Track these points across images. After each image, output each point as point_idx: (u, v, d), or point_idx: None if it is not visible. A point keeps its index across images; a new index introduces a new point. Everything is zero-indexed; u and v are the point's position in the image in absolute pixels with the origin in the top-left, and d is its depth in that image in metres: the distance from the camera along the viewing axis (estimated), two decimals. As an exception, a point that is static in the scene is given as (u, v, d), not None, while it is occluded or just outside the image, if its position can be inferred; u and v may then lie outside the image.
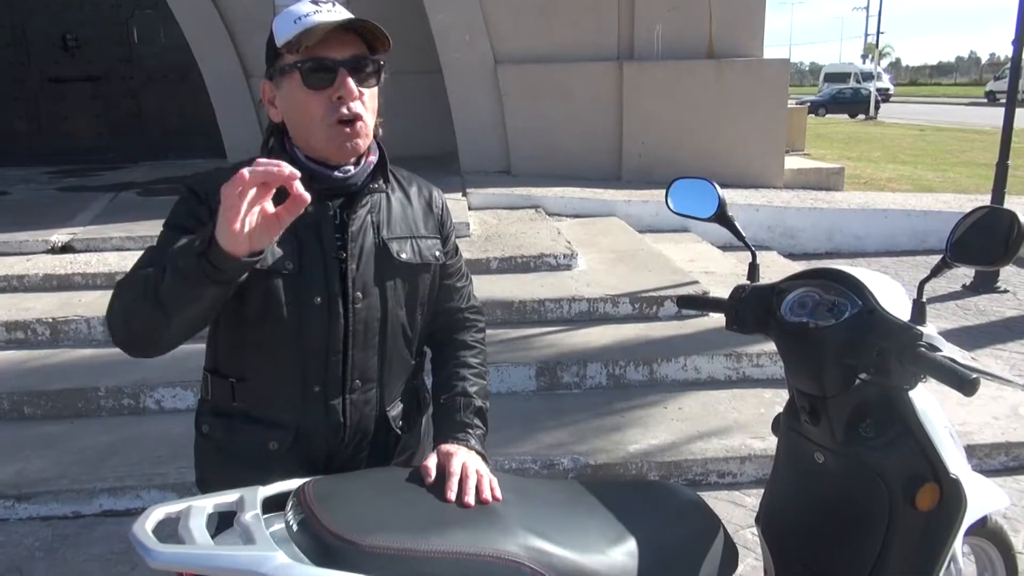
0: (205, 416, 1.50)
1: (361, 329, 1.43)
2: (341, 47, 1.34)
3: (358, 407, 1.47)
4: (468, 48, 7.47)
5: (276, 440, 1.43)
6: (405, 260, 1.47)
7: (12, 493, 2.94)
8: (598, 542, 1.24)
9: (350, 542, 1.10)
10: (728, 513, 2.92)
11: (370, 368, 1.47)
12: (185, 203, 1.40)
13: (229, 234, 1.10)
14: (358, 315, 1.42)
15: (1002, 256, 1.38)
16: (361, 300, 1.42)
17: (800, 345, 1.49)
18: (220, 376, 1.47)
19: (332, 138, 1.36)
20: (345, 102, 1.34)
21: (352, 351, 1.43)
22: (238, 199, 1.08)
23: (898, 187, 9.94)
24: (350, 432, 1.47)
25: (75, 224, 5.49)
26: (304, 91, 1.34)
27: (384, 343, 1.47)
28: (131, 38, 8.77)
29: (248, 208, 1.09)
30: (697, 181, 1.79)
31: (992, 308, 5.59)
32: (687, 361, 3.86)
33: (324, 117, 1.35)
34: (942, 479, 1.44)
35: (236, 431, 1.46)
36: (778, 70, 7.84)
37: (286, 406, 1.44)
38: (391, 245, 1.46)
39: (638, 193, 6.94)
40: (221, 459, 1.47)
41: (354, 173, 1.42)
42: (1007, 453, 3.26)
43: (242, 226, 1.09)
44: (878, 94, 32.23)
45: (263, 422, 1.44)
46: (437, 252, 1.54)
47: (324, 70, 1.33)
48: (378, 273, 1.44)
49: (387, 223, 1.47)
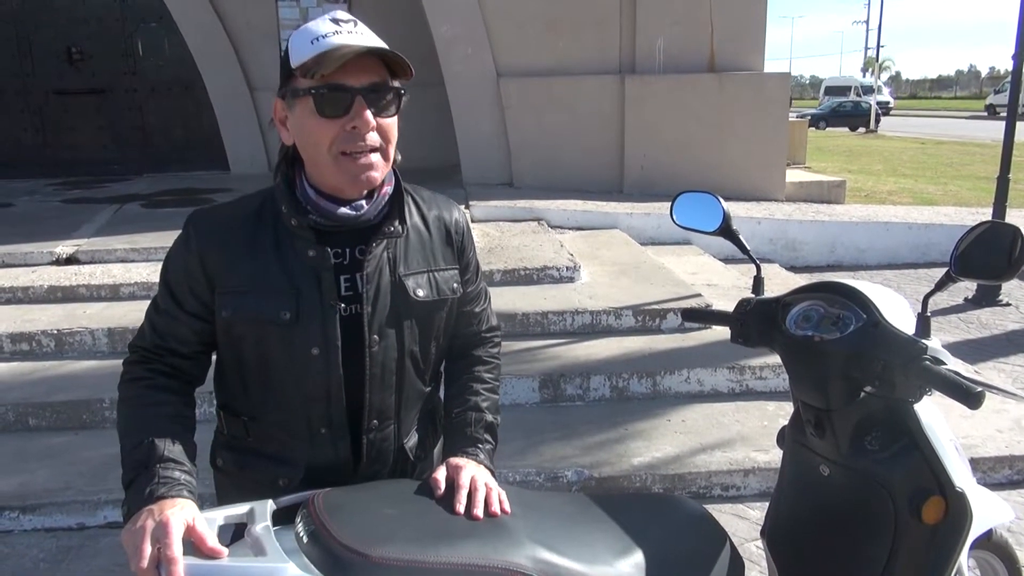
0: (220, 450, 1.50)
1: (379, 372, 1.39)
2: (359, 73, 1.26)
3: (375, 444, 1.44)
4: (471, 61, 7.52)
5: (286, 477, 1.41)
6: (422, 298, 1.41)
7: (17, 504, 2.94)
8: (605, 554, 1.24)
9: (360, 553, 1.10)
10: (732, 526, 2.91)
11: (387, 407, 1.43)
12: (180, 254, 1.38)
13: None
14: (375, 359, 1.38)
15: (1006, 270, 1.39)
16: (378, 343, 1.37)
17: (805, 358, 1.50)
18: (231, 414, 1.46)
19: (344, 170, 1.30)
20: (360, 133, 1.27)
21: (370, 394, 1.39)
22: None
23: (899, 200, 9.96)
24: (365, 466, 1.44)
25: (79, 236, 5.51)
26: (316, 119, 1.27)
27: (401, 380, 1.43)
28: (136, 51, 8.82)
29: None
30: (702, 195, 1.81)
31: (994, 321, 5.59)
32: (690, 374, 3.86)
33: (337, 147, 1.28)
34: (947, 492, 1.44)
35: (248, 467, 1.45)
36: (779, 83, 7.88)
37: (295, 445, 1.42)
38: (407, 282, 1.40)
39: (640, 206, 6.96)
40: (236, 492, 1.45)
41: (366, 209, 1.35)
42: (1011, 467, 3.25)
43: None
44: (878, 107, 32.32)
45: (274, 459, 1.43)
46: (455, 284, 1.48)
47: (339, 98, 1.26)
48: (393, 314, 1.38)
49: (404, 258, 1.41)
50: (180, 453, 1.26)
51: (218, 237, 1.36)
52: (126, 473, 1.24)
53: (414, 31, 7.33)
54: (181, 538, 1.09)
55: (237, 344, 1.37)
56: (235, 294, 1.34)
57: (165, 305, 1.39)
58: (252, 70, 8.44)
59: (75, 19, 8.68)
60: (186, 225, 1.39)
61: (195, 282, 1.36)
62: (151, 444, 1.25)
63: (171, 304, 1.38)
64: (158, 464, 1.21)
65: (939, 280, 1.47)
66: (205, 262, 1.35)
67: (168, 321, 1.39)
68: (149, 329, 1.41)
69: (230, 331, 1.36)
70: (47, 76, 8.79)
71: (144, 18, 8.69)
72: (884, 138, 25.99)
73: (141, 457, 1.24)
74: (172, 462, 1.23)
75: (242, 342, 1.36)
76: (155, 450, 1.24)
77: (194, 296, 1.37)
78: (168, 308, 1.39)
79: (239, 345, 1.37)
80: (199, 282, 1.36)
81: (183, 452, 1.27)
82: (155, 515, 1.12)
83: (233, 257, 1.34)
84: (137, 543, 1.09)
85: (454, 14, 7.39)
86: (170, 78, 8.85)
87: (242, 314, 1.34)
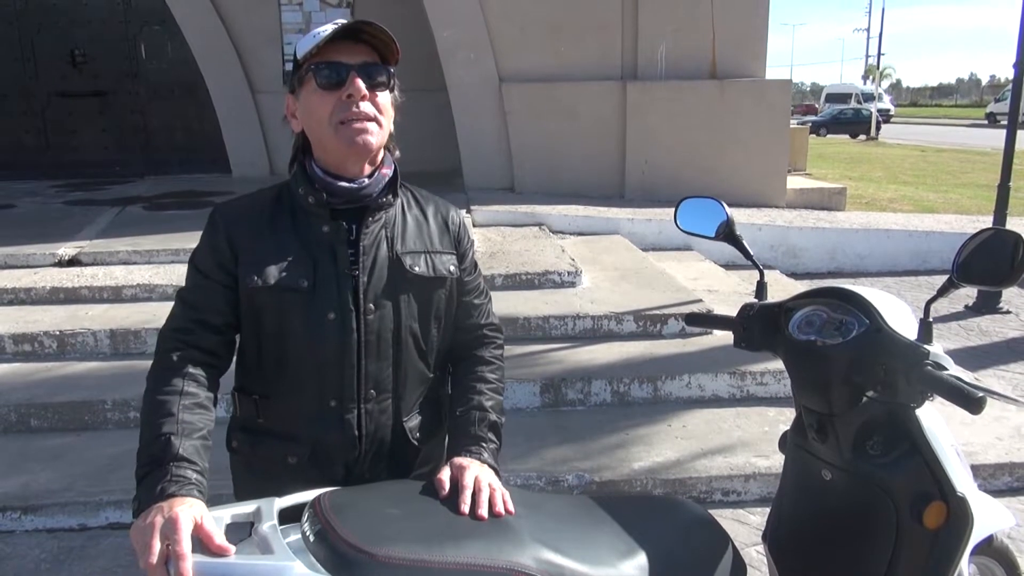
0: (235, 432, 1.58)
1: (374, 340, 1.47)
2: (352, 54, 1.42)
3: (373, 417, 1.50)
4: (473, 66, 7.54)
5: (294, 454, 1.48)
6: (419, 273, 1.50)
7: (19, 505, 2.94)
8: (608, 555, 1.25)
9: (366, 552, 1.11)
10: (733, 531, 2.90)
11: (384, 379, 1.50)
12: (208, 237, 1.49)
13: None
14: (370, 326, 1.46)
15: (1007, 277, 1.40)
16: (373, 312, 1.46)
17: (808, 363, 1.51)
18: (246, 394, 1.53)
19: (342, 135, 1.42)
20: (355, 100, 1.40)
21: (365, 361, 1.47)
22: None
23: (900, 207, 9.97)
24: (366, 443, 1.50)
25: (82, 237, 5.52)
26: (317, 92, 1.41)
27: (399, 354, 1.50)
28: (138, 54, 8.85)
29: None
30: (705, 200, 1.82)
31: (995, 329, 5.60)
32: (691, 379, 3.87)
33: (336, 118, 1.41)
34: (949, 497, 1.45)
35: (259, 446, 1.53)
36: (780, 90, 7.90)
37: (304, 421, 1.49)
38: (404, 259, 1.50)
39: (641, 211, 6.97)
40: (248, 473, 1.55)
41: (368, 184, 1.47)
42: (1011, 473, 3.26)
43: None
44: (879, 115, 32.37)
45: (283, 437, 1.50)
46: (452, 267, 1.56)
47: (336, 70, 1.41)
48: (391, 286, 1.48)
49: (401, 238, 1.51)
50: (195, 452, 1.28)
51: (242, 220, 1.49)
52: (140, 466, 1.27)
53: (416, 36, 7.35)
54: (190, 535, 1.11)
55: (258, 315, 1.46)
56: (258, 264, 1.44)
57: (195, 281, 1.48)
58: (254, 73, 8.47)
59: (78, 21, 8.71)
60: (211, 216, 1.51)
61: (222, 256, 1.46)
62: (167, 441, 1.28)
63: (201, 279, 1.47)
64: (172, 463, 1.24)
65: (941, 286, 1.48)
66: (232, 239, 1.46)
67: (200, 294, 1.46)
68: (180, 308, 1.47)
69: (253, 301, 1.45)
70: (50, 78, 8.81)
71: (147, 21, 8.71)
72: (885, 145, 26.02)
73: (157, 452, 1.27)
74: (186, 461, 1.26)
75: (263, 313, 1.45)
76: (171, 448, 1.26)
77: (222, 269, 1.46)
78: (198, 283, 1.47)
79: (260, 317, 1.45)
80: (226, 256, 1.46)
81: (198, 451, 1.29)
82: (164, 512, 1.14)
83: (256, 234, 1.47)
84: (146, 539, 1.11)
85: (457, 19, 7.42)
86: (172, 81, 8.87)
87: (264, 282, 1.43)
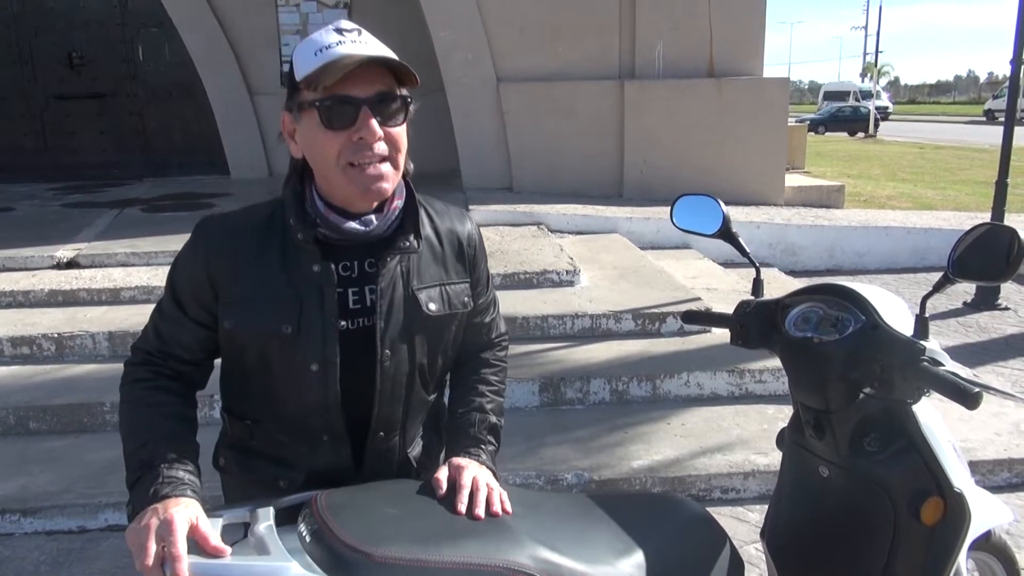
0: (223, 449, 1.52)
1: (389, 387, 1.39)
2: (364, 83, 1.24)
3: (380, 454, 1.45)
4: (471, 66, 7.53)
5: (287, 480, 1.42)
6: (434, 312, 1.41)
7: (17, 507, 2.94)
8: (606, 554, 1.25)
9: (362, 552, 1.11)
10: (732, 529, 2.92)
11: (395, 420, 1.44)
12: (188, 255, 1.38)
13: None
14: (386, 373, 1.38)
15: (1003, 272, 1.40)
16: (390, 358, 1.37)
17: (804, 360, 1.51)
18: (235, 417, 1.47)
19: (353, 182, 1.28)
20: (367, 143, 1.26)
21: (379, 408, 1.40)
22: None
23: (898, 205, 9.97)
24: (366, 472, 1.44)
25: (80, 240, 5.52)
26: (322, 131, 1.26)
27: (410, 395, 1.44)
28: (136, 56, 8.83)
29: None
30: (701, 198, 1.81)
31: (993, 325, 5.60)
32: (690, 377, 3.87)
33: (344, 159, 1.27)
34: (946, 493, 1.45)
35: (249, 468, 1.46)
36: (778, 88, 7.90)
37: (297, 449, 1.42)
38: (420, 296, 1.40)
39: (640, 210, 6.97)
40: (239, 493, 1.47)
41: (376, 224, 1.34)
42: (1010, 470, 3.26)
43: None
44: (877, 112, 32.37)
45: (276, 461, 1.44)
46: (466, 298, 1.48)
47: (344, 109, 1.24)
48: (406, 328, 1.38)
49: (417, 271, 1.40)
50: (184, 453, 1.27)
51: (226, 245, 1.36)
52: (130, 473, 1.25)
53: (414, 37, 7.35)
54: (185, 536, 1.10)
55: (240, 353, 1.39)
56: (238, 305, 1.34)
57: (169, 310, 1.40)
58: (252, 75, 8.46)
59: (76, 24, 8.70)
60: (195, 231, 1.39)
61: (200, 289, 1.36)
62: (155, 444, 1.25)
63: (175, 310, 1.39)
64: (162, 464, 1.22)
65: (937, 282, 1.48)
66: (211, 269, 1.35)
67: (172, 327, 1.39)
68: (153, 333, 1.42)
69: (233, 341, 1.37)
70: (48, 81, 8.79)
71: (144, 23, 8.70)
72: (883, 143, 26.02)
73: (145, 457, 1.24)
74: (176, 462, 1.23)
75: (244, 352, 1.38)
76: (159, 450, 1.24)
77: (198, 303, 1.37)
78: (172, 314, 1.39)
79: (242, 354, 1.38)
80: (204, 289, 1.36)
81: (187, 452, 1.28)
82: (159, 514, 1.13)
83: (239, 266, 1.34)
84: (142, 541, 1.10)
85: (454, 20, 7.41)
86: (170, 83, 8.86)
87: (244, 325, 1.34)
